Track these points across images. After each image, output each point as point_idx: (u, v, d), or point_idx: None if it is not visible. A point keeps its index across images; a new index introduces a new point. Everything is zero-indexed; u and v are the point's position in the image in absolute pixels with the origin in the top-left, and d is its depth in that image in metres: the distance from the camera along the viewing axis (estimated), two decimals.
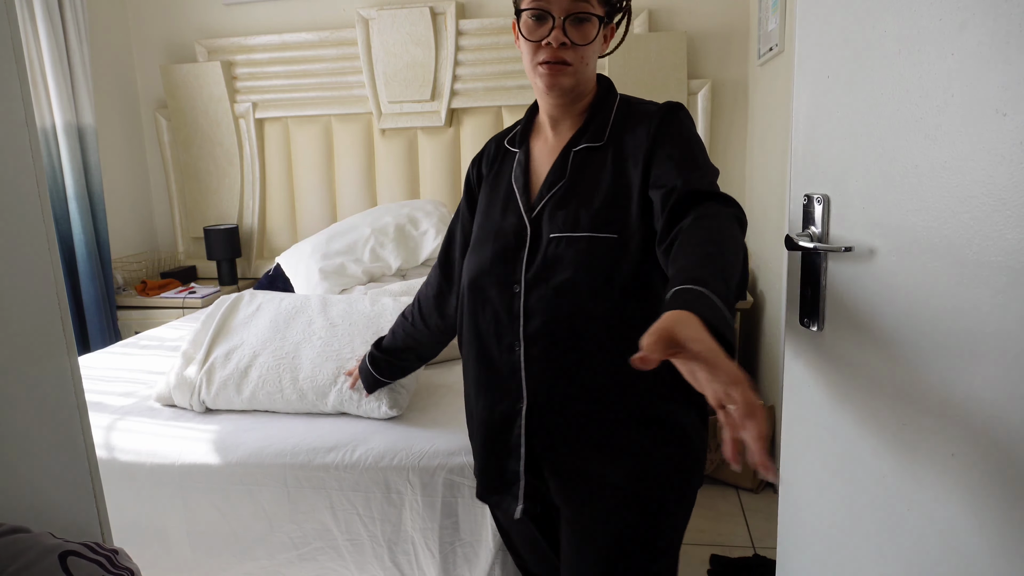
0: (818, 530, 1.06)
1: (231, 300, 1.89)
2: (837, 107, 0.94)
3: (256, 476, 1.46)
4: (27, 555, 0.66)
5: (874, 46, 0.86)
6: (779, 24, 2.28)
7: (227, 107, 3.22)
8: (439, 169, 3.13)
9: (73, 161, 2.84)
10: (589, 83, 1.10)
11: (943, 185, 0.76)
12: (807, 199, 1.01)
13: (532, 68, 1.06)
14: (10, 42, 0.80)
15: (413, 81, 3.04)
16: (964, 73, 0.73)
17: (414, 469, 1.42)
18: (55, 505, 0.86)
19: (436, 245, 2.52)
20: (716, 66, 2.92)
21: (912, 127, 0.80)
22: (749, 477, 2.41)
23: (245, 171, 3.30)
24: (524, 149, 1.16)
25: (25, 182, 0.82)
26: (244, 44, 3.16)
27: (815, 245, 0.96)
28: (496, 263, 1.08)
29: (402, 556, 1.45)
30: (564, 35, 1.01)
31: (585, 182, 1.06)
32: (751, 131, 2.90)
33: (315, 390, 1.61)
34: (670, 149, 1.01)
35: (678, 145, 1.01)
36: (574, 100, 1.10)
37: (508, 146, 1.19)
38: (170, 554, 1.52)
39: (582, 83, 1.08)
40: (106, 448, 1.54)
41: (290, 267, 2.62)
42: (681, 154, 1.00)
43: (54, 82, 2.76)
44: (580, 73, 1.05)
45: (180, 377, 1.69)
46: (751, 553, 2.08)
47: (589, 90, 1.11)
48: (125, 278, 3.25)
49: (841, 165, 0.94)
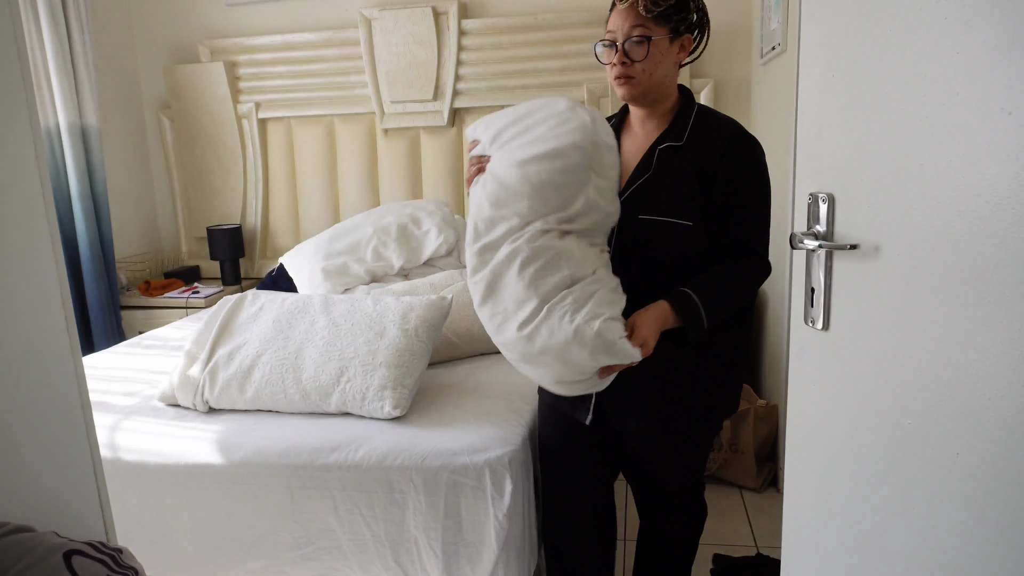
0: (823, 529, 1.05)
1: (234, 300, 1.90)
2: (841, 105, 0.94)
3: (259, 476, 1.47)
4: (32, 554, 0.67)
5: (878, 44, 0.86)
6: (781, 23, 2.27)
7: (230, 107, 3.22)
8: (441, 169, 3.13)
9: (77, 161, 2.85)
10: (662, 88, 1.33)
11: (948, 184, 0.76)
12: (812, 197, 1.01)
13: (612, 83, 1.33)
14: (14, 43, 0.80)
15: (416, 81, 3.04)
16: (970, 72, 0.73)
17: (417, 469, 1.42)
18: (60, 504, 0.86)
19: (438, 244, 2.52)
20: (718, 65, 2.92)
21: (917, 126, 0.80)
22: (752, 477, 2.41)
23: (248, 171, 3.30)
24: (616, 141, 1.37)
25: (29, 182, 0.82)
26: (247, 44, 3.17)
27: (820, 243, 0.96)
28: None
29: (405, 556, 1.45)
30: (625, 56, 1.28)
31: (668, 176, 1.31)
32: (753, 130, 2.88)
33: (318, 390, 1.61)
34: (737, 192, 1.28)
35: (744, 190, 1.29)
36: (653, 103, 1.35)
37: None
38: (174, 553, 1.52)
39: (652, 90, 1.32)
40: (110, 448, 1.55)
41: (293, 267, 2.62)
42: (744, 201, 1.29)
43: (58, 83, 2.76)
44: (646, 83, 1.30)
45: (184, 377, 1.69)
46: (754, 552, 2.07)
47: (666, 95, 1.35)
48: (129, 278, 3.26)
49: (846, 163, 0.94)
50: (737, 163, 1.27)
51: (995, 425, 0.72)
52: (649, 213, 1.30)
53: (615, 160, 1.31)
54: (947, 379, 0.78)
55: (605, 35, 1.32)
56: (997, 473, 0.73)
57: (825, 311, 0.99)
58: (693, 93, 1.39)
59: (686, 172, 1.29)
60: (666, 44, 1.28)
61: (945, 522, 0.81)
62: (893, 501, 0.89)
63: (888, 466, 0.89)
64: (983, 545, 0.75)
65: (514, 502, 1.40)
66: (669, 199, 1.29)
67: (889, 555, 0.90)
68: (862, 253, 0.91)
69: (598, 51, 1.33)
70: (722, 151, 1.27)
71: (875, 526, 0.93)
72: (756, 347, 2.80)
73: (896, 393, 0.87)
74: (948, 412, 0.79)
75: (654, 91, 1.32)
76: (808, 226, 1.02)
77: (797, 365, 1.08)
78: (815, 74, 0.99)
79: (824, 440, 1.03)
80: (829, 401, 1.01)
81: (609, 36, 1.30)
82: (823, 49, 0.98)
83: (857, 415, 0.95)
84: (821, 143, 0.99)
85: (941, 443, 0.80)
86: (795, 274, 1.06)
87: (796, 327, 1.07)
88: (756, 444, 2.39)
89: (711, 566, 2.02)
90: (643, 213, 1.30)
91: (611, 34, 1.30)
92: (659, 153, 1.32)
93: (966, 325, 0.75)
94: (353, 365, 1.63)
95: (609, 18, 1.32)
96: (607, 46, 1.31)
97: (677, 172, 1.30)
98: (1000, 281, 0.71)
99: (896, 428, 0.87)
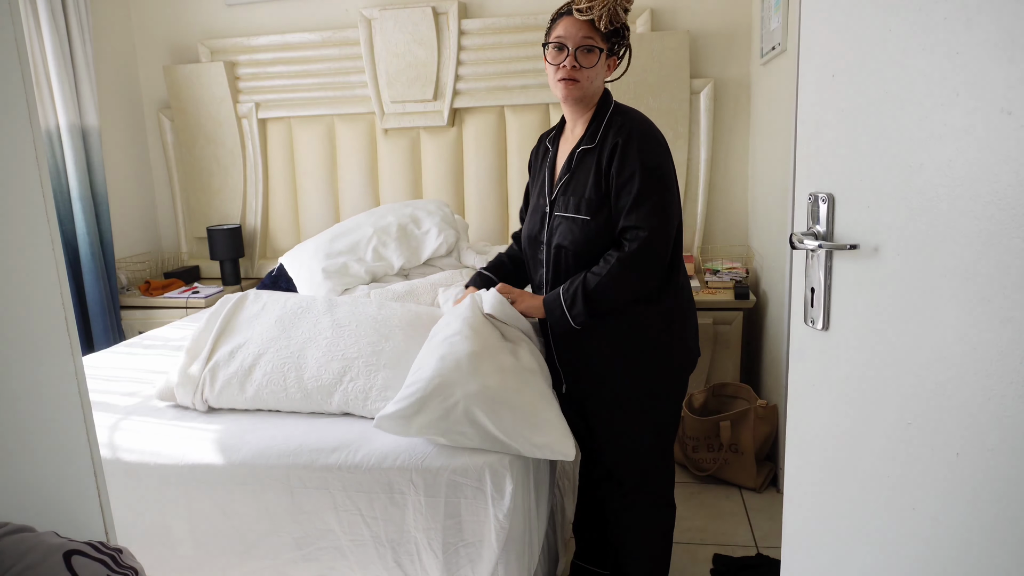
0: (823, 530, 1.05)
1: (236, 299, 1.89)
2: (841, 105, 0.94)
3: (259, 476, 1.46)
4: (32, 554, 0.67)
5: (878, 44, 0.86)
6: (781, 23, 2.27)
7: (230, 107, 3.22)
8: (441, 169, 3.13)
9: (77, 162, 2.85)
10: (594, 97, 1.53)
11: (948, 184, 0.76)
12: (812, 198, 1.01)
13: (554, 83, 1.51)
14: (14, 43, 0.80)
15: (415, 81, 3.04)
16: (969, 71, 0.73)
17: (417, 470, 1.42)
18: (59, 504, 0.86)
19: (438, 244, 2.52)
20: (718, 65, 2.92)
21: (917, 125, 0.80)
22: (752, 477, 2.41)
23: (248, 171, 3.30)
24: (554, 148, 1.63)
25: (29, 183, 0.82)
26: (247, 44, 3.17)
27: (820, 243, 0.96)
28: (533, 228, 1.64)
29: (405, 557, 1.45)
30: (575, 60, 1.46)
31: (579, 177, 1.52)
32: (753, 130, 2.89)
33: (320, 389, 1.61)
34: (625, 186, 1.45)
35: (629, 182, 1.44)
36: (584, 109, 1.53)
37: (548, 144, 1.65)
38: (174, 553, 1.52)
39: (589, 95, 1.51)
40: (110, 447, 1.54)
41: (293, 267, 2.62)
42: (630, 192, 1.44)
43: (58, 83, 2.76)
44: (586, 88, 1.49)
45: (184, 374, 1.69)
46: (754, 552, 2.07)
47: (594, 103, 1.54)
48: (129, 278, 3.26)
49: (846, 163, 0.94)
50: (625, 160, 1.43)
51: (995, 425, 0.72)
52: (561, 211, 1.53)
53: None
54: (947, 379, 0.78)
55: (551, 39, 1.48)
56: (997, 473, 0.73)
57: (825, 311, 0.99)
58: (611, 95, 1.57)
59: (592, 172, 1.48)
60: (604, 58, 1.49)
61: (945, 522, 0.81)
62: (893, 501, 0.89)
63: (888, 466, 0.89)
64: (983, 544, 0.76)
65: (514, 502, 1.40)
66: (577, 197, 1.50)
67: (889, 555, 0.91)
68: (862, 253, 0.91)
69: (549, 51, 1.49)
70: (612, 151, 1.45)
71: (875, 526, 0.93)
72: (756, 348, 2.80)
73: (896, 393, 0.87)
74: (948, 412, 0.79)
75: (589, 97, 1.51)
76: (808, 226, 1.02)
77: (797, 365, 1.09)
78: (815, 74, 0.99)
79: (824, 440, 1.03)
80: (829, 401, 1.01)
81: (558, 40, 1.47)
82: (823, 49, 0.98)
83: (857, 415, 0.95)
84: (821, 143, 0.99)
85: (941, 443, 0.80)
86: (795, 274, 1.07)
87: (796, 327, 1.07)
88: (756, 444, 2.39)
89: (711, 566, 2.02)
90: (557, 211, 1.54)
91: (560, 39, 1.46)
92: (577, 156, 1.52)
93: (966, 325, 0.75)
94: (356, 365, 1.63)
95: (557, 25, 1.48)
96: (556, 48, 1.47)
97: (587, 172, 1.50)
98: (1000, 281, 0.71)
99: (896, 428, 0.87)
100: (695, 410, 2.56)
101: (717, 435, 2.44)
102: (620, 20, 1.47)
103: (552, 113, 2.99)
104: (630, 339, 1.54)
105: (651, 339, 1.55)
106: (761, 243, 2.78)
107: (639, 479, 1.62)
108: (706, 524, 2.24)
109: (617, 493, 1.64)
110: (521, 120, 3.02)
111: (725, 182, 3.01)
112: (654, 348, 1.55)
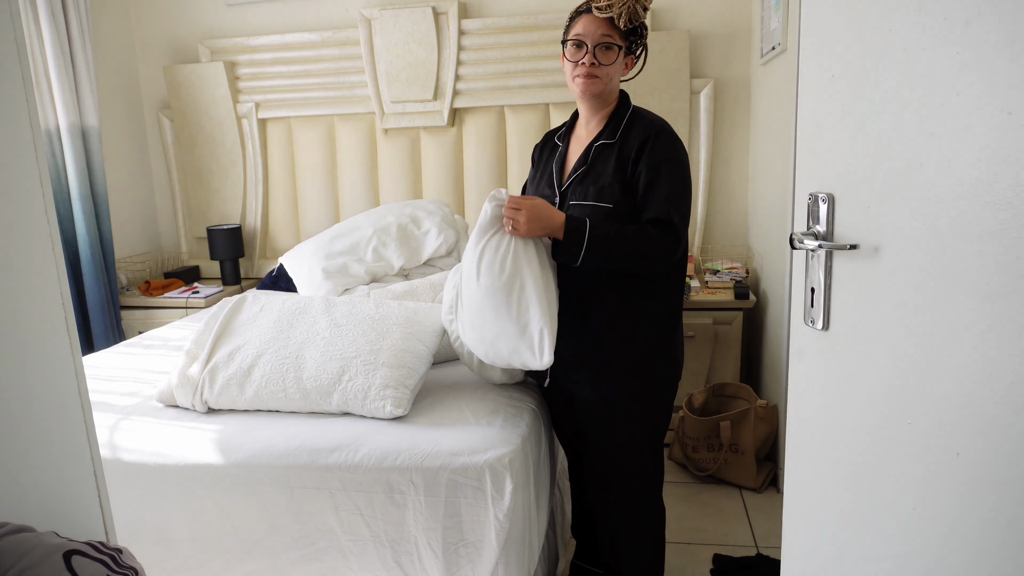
0: (823, 530, 1.05)
1: (235, 300, 1.90)
2: (841, 105, 0.94)
3: (259, 476, 1.47)
4: (32, 554, 0.67)
5: (878, 44, 0.86)
6: (781, 23, 2.27)
7: (230, 107, 3.22)
8: (441, 169, 3.13)
9: (77, 162, 2.85)
10: (612, 94, 1.56)
11: (948, 183, 0.76)
12: (812, 197, 1.01)
13: (571, 80, 1.53)
14: (14, 43, 0.80)
15: (415, 81, 3.04)
16: (969, 71, 0.73)
17: (417, 469, 1.42)
18: (59, 504, 0.86)
19: (438, 244, 2.52)
20: (718, 65, 2.92)
21: (917, 125, 0.80)
22: (752, 477, 2.41)
23: (248, 171, 3.30)
24: (565, 143, 1.65)
25: (29, 183, 0.82)
26: (247, 44, 3.17)
27: (820, 243, 0.96)
28: None
29: (405, 556, 1.45)
30: (594, 57, 1.47)
31: (598, 169, 1.54)
32: (753, 130, 2.89)
33: (319, 389, 1.61)
34: (655, 179, 1.47)
35: (660, 176, 1.47)
36: (601, 106, 1.56)
37: (557, 141, 1.67)
38: (173, 553, 1.52)
39: (607, 92, 1.53)
40: (110, 448, 1.54)
41: (293, 267, 2.62)
42: (661, 185, 1.47)
43: (58, 83, 2.76)
44: (605, 85, 1.51)
45: (183, 376, 1.69)
46: (754, 552, 2.07)
47: (612, 100, 1.57)
48: (129, 278, 3.26)
49: (846, 163, 0.94)
50: (655, 154, 1.46)
51: (995, 425, 0.73)
52: (579, 199, 1.53)
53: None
54: (947, 379, 0.78)
55: (569, 37, 1.51)
56: (997, 473, 0.73)
57: (825, 311, 0.99)
58: (629, 96, 1.61)
59: (612, 164, 1.51)
60: (623, 56, 1.51)
61: (945, 522, 0.81)
62: (893, 501, 0.89)
63: (888, 466, 0.89)
64: (983, 544, 0.76)
65: (514, 502, 1.40)
66: (597, 187, 1.52)
67: (889, 555, 0.91)
68: (862, 253, 0.91)
69: (568, 48, 1.51)
70: (642, 145, 1.48)
71: (875, 526, 0.93)
72: (756, 348, 2.80)
73: (896, 393, 0.87)
74: (948, 412, 0.79)
75: (607, 94, 1.53)
76: (808, 226, 1.02)
77: (797, 365, 1.08)
78: (815, 74, 0.99)
79: (824, 440, 1.03)
80: (829, 401, 1.01)
81: (577, 38, 1.49)
82: (823, 49, 0.98)
83: (857, 415, 0.95)
84: (821, 143, 0.99)
85: (941, 443, 0.80)
86: (795, 274, 1.07)
87: (796, 327, 1.07)
88: (756, 444, 2.39)
89: (711, 566, 2.02)
90: (574, 199, 1.54)
91: (579, 36, 1.48)
92: (595, 149, 1.55)
93: (966, 325, 0.75)
94: (355, 364, 1.63)
95: (576, 22, 1.50)
96: (575, 45, 1.49)
97: (606, 164, 1.52)
98: (1000, 281, 0.71)
99: (896, 428, 0.87)
100: (695, 410, 2.56)
101: (717, 435, 2.44)
102: (639, 19, 1.48)
103: (552, 113, 2.99)
104: (626, 339, 1.55)
105: (649, 339, 1.55)
106: (761, 243, 2.78)
107: (629, 482, 1.63)
108: (706, 524, 2.24)
109: (606, 496, 1.65)
110: (521, 120, 3.02)
111: (725, 182, 3.01)
112: (649, 349, 1.56)
